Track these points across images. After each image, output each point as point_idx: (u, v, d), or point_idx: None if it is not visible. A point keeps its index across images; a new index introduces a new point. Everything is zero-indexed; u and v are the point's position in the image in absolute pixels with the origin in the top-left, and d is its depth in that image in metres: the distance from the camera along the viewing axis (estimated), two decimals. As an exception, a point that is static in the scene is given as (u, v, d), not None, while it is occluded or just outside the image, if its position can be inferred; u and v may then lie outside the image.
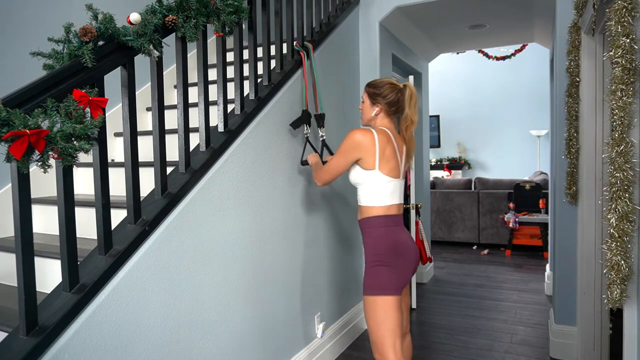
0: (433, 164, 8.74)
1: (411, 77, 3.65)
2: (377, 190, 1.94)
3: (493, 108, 8.43)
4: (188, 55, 1.85)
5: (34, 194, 1.37)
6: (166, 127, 1.80)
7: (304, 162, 2.46)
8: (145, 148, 2.16)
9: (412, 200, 3.76)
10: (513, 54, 7.45)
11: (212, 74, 2.33)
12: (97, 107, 1.34)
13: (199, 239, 1.85)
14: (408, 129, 2.01)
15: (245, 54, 2.28)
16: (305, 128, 2.52)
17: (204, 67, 1.96)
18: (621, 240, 1.45)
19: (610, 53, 1.46)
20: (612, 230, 1.46)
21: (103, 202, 1.50)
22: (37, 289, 1.33)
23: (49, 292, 1.45)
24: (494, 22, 3.85)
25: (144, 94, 2.78)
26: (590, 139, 2.52)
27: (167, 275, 1.69)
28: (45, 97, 1.27)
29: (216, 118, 2.08)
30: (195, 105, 2.39)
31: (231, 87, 2.25)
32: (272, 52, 2.69)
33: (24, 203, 1.25)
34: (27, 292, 1.27)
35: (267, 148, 2.30)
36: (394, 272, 1.90)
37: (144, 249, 1.60)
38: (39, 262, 1.55)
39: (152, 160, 1.78)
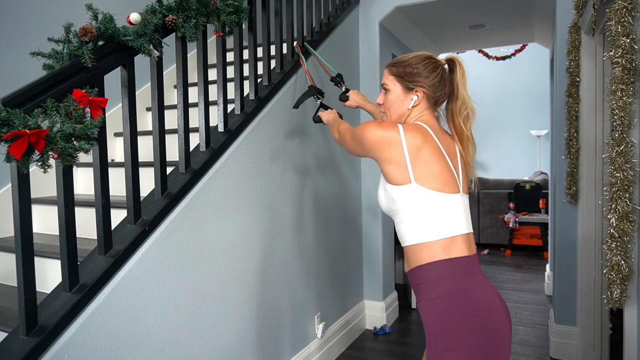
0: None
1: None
2: (424, 215, 1.24)
3: (493, 108, 8.41)
4: (188, 55, 1.85)
5: (34, 194, 1.37)
6: (166, 127, 1.80)
7: (317, 119, 2.14)
8: (145, 148, 2.16)
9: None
10: (513, 54, 7.43)
11: (212, 74, 2.33)
12: (97, 107, 1.34)
13: (199, 239, 1.85)
14: (467, 120, 1.34)
15: (245, 54, 2.28)
16: (316, 97, 2.28)
17: (204, 67, 1.96)
18: (621, 240, 1.45)
19: (610, 53, 1.46)
20: (612, 230, 1.47)
21: (103, 202, 1.50)
22: (37, 289, 1.33)
23: (49, 292, 1.45)
24: (494, 22, 3.84)
25: (144, 94, 2.78)
26: (590, 139, 2.52)
27: (167, 275, 1.69)
28: (45, 97, 1.27)
29: (216, 118, 2.08)
30: (195, 105, 2.39)
31: (231, 87, 2.25)
32: (272, 52, 2.69)
33: (24, 203, 1.25)
34: (27, 292, 1.27)
35: (267, 148, 2.30)
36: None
37: (144, 249, 1.60)
38: (39, 262, 1.55)
39: (152, 160, 1.78)
